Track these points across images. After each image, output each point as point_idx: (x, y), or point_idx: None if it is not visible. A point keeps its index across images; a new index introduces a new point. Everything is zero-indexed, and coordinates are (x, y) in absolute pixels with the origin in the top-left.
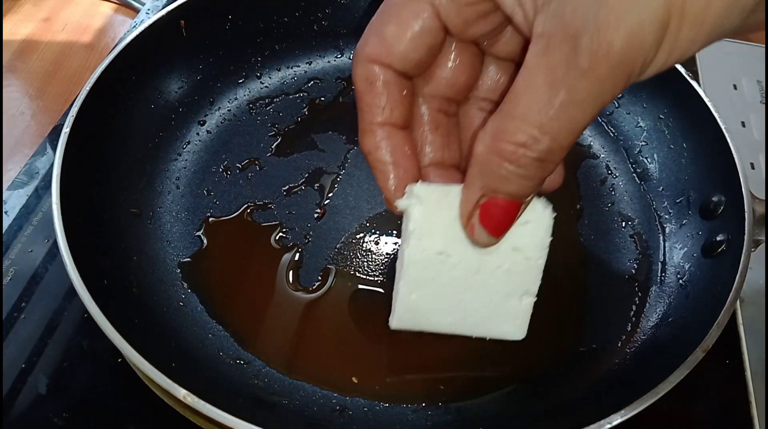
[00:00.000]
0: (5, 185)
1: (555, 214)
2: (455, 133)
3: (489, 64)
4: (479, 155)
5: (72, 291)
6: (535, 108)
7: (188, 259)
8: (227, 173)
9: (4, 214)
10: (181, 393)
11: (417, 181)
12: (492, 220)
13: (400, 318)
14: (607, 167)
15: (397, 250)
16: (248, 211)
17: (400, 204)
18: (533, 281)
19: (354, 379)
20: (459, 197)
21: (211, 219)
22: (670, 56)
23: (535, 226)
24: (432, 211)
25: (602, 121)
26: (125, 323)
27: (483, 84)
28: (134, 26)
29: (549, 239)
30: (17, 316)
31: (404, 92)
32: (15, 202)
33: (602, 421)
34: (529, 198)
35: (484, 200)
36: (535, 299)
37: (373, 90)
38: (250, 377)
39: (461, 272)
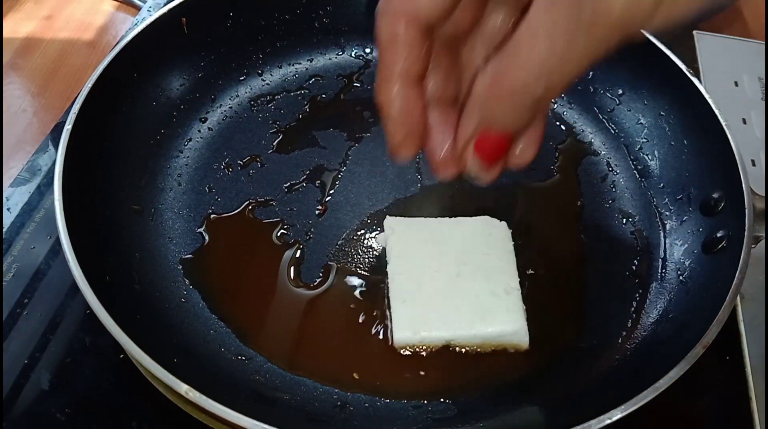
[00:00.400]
0: (8, 182)
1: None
2: (455, 68)
3: (492, 5)
4: (478, 94)
5: (74, 287)
6: (535, 58)
7: (190, 256)
8: (229, 170)
9: (6, 211)
10: (183, 388)
11: (422, 138)
12: (485, 150)
13: (400, 331)
14: (608, 164)
15: None
16: (249, 207)
17: (379, 238)
18: (511, 276)
19: (355, 375)
20: (420, 225)
21: (212, 216)
22: (666, 21)
23: (496, 236)
24: (405, 235)
25: (603, 118)
26: (127, 319)
27: (485, 24)
28: (136, 24)
29: (511, 243)
30: (20, 312)
31: (425, 48)
32: (17, 199)
33: (602, 417)
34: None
35: (479, 132)
36: (519, 291)
37: (397, 46)
38: (251, 373)
39: (443, 278)
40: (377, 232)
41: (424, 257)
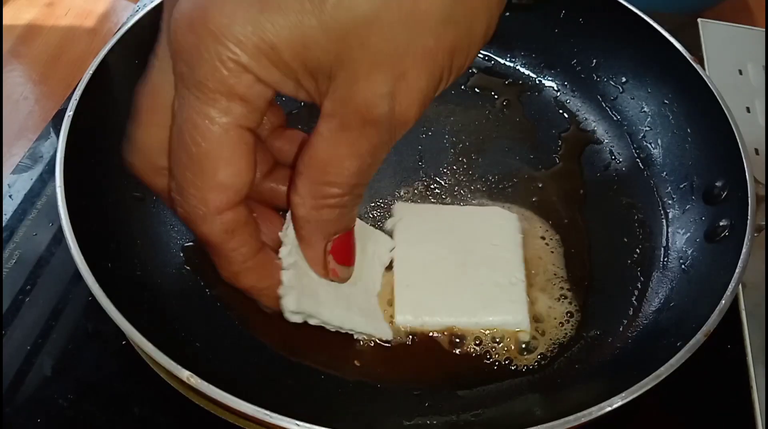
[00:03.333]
0: (10, 170)
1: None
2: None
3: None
4: (305, 216)
5: (76, 274)
6: (345, 171)
7: (192, 243)
8: None
9: (8, 198)
10: (185, 374)
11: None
12: (343, 254)
13: (401, 314)
14: (611, 152)
15: None
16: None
17: (387, 224)
18: (518, 268)
19: (356, 362)
20: (430, 212)
21: None
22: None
23: (506, 228)
24: (413, 221)
25: (606, 106)
26: (129, 306)
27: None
28: (137, 10)
29: (520, 236)
30: (22, 299)
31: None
32: (19, 186)
33: (603, 404)
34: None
35: (330, 246)
36: (525, 283)
37: (239, 234)
38: (253, 359)
39: (449, 265)
40: (378, 220)
41: (431, 244)
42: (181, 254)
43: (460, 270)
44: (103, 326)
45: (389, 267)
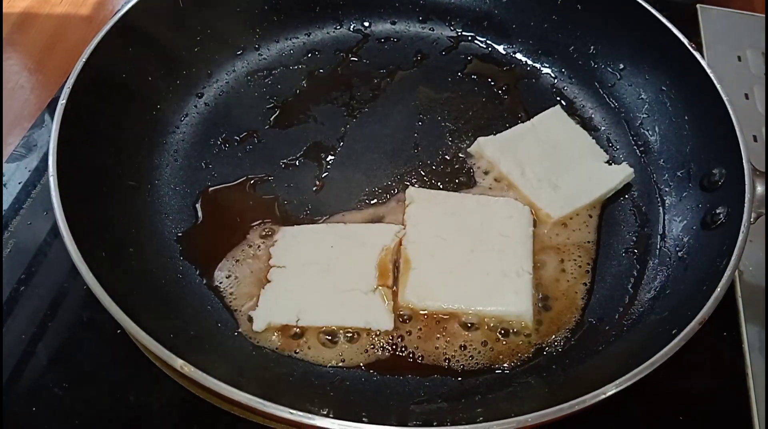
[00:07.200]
0: (5, 158)
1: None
2: None
3: None
4: None
5: (73, 264)
6: None
7: (186, 232)
8: (225, 146)
9: (3, 187)
10: (178, 363)
11: None
12: None
13: (406, 293)
14: (608, 140)
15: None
16: (246, 183)
17: (396, 206)
18: (526, 260)
19: (353, 353)
20: (442, 198)
21: (209, 191)
22: None
23: (517, 219)
24: (425, 206)
25: (604, 93)
26: (124, 295)
27: None
28: None
29: (531, 229)
30: (18, 288)
31: None
32: (14, 175)
33: (597, 392)
34: None
35: None
36: (531, 275)
37: None
38: (247, 348)
39: (458, 252)
40: (375, 207)
41: (441, 230)
42: (176, 243)
43: (468, 257)
44: (98, 315)
45: (396, 253)
